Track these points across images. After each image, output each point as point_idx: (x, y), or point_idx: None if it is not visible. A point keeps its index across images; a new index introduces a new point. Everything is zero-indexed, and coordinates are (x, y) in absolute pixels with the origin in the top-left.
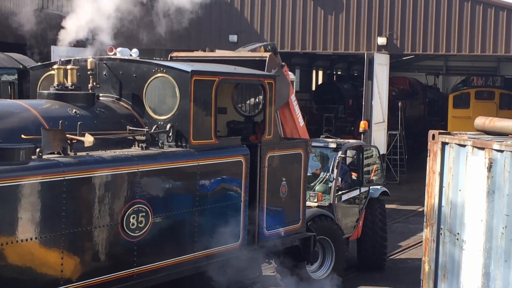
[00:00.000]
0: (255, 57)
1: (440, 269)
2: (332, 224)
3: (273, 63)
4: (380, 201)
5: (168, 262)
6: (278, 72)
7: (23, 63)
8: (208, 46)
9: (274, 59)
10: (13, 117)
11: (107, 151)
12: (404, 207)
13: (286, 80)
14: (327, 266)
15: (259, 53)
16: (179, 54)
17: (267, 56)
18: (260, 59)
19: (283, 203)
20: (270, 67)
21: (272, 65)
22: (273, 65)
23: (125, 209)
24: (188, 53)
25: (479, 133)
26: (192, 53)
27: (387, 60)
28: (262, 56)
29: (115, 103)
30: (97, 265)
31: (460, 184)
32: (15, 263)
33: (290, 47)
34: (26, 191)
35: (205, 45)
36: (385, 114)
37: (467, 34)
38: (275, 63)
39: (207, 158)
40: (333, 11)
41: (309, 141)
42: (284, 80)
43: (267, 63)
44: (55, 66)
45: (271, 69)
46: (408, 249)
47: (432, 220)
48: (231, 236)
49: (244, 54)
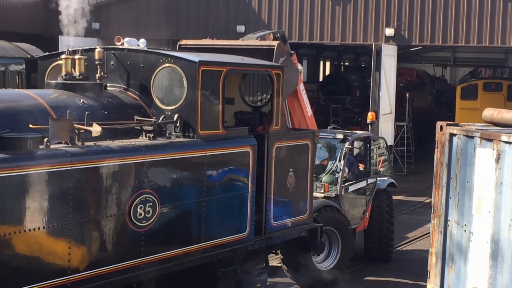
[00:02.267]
0: (263, 45)
1: (447, 260)
2: (339, 215)
3: (282, 51)
4: (387, 192)
5: (175, 252)
6: (287, 60)
7: (31, 53)
8: (215, 36)
9: (282, 47)
10: (21, 107)
11: (115, 141)
12: (411, 198)
13: (295, 68)
14: (333, 257)
15: (267, 42)
16: (187, 42)
17: (275, 45)
18: (268, 47)
19: (290, 194)
20: (278, 56)
21: (280, 54)
22: (282, 53)
23: (132, 199)
24: (196, 41)
25: (487, 125)
26: (201, 41)
27: (394, 51)
28: (270, 45)
29: (123, 93)
30: (105, 255)
31: (468, 176)
32: (23, 252)
33: (298, 37)
34: (33, 180)
35: (212, 35)
36: (393, 105)
37: (475, 25)
38: (284, 51)
39: (215, 148)
40: (341, 2)
41: (317, 132)
42: (292, 67)
43: (275, 52)
44: (63, 56)
45: (279, 58)
46: (415, 241)
47: (440, 212)
48: (238, 227)
49: (252, 43)
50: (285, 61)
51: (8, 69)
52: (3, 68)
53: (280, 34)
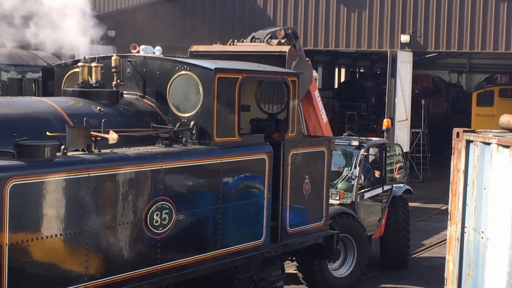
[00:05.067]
0: (274, 51)
1: (465, 267)
2: (354, 222)
3: (293, 55)
4: (403, 199)
5: (192, 259)
6: (299, 61)
7: (48, 61)
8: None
9: (293, 51)
10: (38, 115)
11: (131, 148)
12: (427, 205)
13: (308, 65)
14: (349, 264)
15: (278, 48)
16: (198, 48)
17: (286, 51)
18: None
19: (306, 201)
20: (290, 60)
21: (292, 58)
22: (293, 57)
23: (148, 206)
24: (207, 46)
25: (504, 131)
26: (211, 46)
27: (410, 58)
28: (282, 51)
29: (139, 100)
30: (121, 262)
31: (484, 182)
32: (41, 259)
33: (313, 44)
34: (51, 187)
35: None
36: (408, 112)
37: (491, 31)
38: (295, 54)
39: (230, 155)
40: (356, 9)
41: (332, 138)
42: (305, 65)
43: (287, 57)
44: (79, 64)
45: (291, 62)
46: (432, 248)
47: (457, 219)
48: (254, 234)
49: (264, 48)
50: (298, 63)
51: (25, 77)
52: (20, 76)
53: (292, 30)
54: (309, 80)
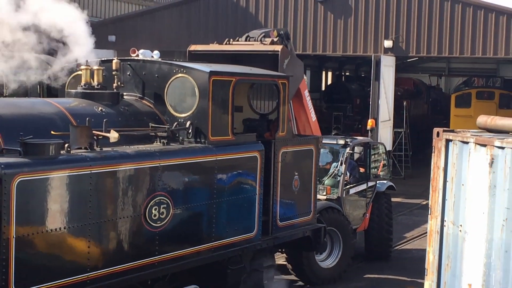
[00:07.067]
0: (268, 51)
1: (444, 258)
2: (340, 216)
3: (285, 54)
4: (386, 195)
5: (188, 251)
6: (291, 59)
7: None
8: None
9: (285, 50)
10: (43, 114)
11: (131, 147)
12: (408, 200)
13: (299, 62)
14: (335, 255)
15: (271, 47)
16: (196, 47)
17: (279, 50)
18: (272, 53)
19: (295, 196)
20: (283, 59)
21: (284, 57)
22: (286, 55)
23: (147, 201)
24: (205, 46)
25: (481, 131)
26: (209, 46)
27: (393, 62)
28: (275, 50)
29: (138, 101)
30: (121, 254)
31: (463, 179)
32: (45, 251)
33: (302, 49)
34: (55, 183)
35: None
36: (391, 113)
37: (468, 37)
38: (287, 53)
39: (224, 153)
40: (342, 16)
41: (320, 138)
42: (297, 62)
43: (280, 56)
44: (82, 67)
45: (284, 60)
46: (413, 240)
47: (436, 213)
48: (246, 227)
49: (258, 48)
50: (290, 61)
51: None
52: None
53: (284, 31)
54: (301, 76)
